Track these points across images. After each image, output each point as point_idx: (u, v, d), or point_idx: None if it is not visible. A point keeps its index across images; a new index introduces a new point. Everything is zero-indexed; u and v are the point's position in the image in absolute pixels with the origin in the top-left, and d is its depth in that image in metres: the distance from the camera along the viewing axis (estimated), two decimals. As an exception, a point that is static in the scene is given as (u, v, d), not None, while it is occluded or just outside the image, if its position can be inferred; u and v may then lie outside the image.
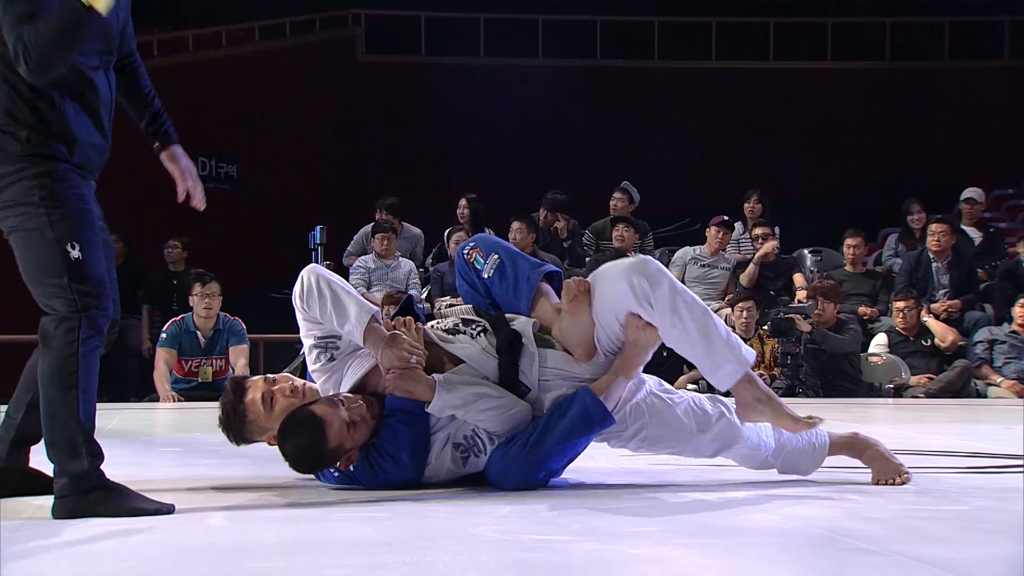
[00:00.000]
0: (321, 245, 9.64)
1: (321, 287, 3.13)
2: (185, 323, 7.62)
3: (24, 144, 2.77)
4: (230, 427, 3.25)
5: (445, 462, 3.11)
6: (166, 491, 2.96)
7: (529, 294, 3.24)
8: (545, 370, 3.16)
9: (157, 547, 2.38)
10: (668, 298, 3.06)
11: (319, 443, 2.99)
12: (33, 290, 2.81)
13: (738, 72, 16.05)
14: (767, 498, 3.01)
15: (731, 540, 2.44)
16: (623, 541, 2.41)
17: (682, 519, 2.70)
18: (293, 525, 2.62)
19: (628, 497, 3.02)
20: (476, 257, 3.30)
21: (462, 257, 3.35)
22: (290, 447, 3.04)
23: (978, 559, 2.25)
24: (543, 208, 10.44)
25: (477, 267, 3.30)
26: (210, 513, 2.77)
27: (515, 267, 3.28)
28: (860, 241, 9.66)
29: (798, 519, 2.67)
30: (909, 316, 8.67)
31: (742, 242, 10.26)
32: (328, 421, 2.99)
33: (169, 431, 6.04)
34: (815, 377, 8.27)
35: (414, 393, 3.07)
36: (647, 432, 3.20)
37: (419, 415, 3.08)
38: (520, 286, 3.24)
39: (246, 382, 3.26)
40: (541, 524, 2.61)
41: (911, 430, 5.28)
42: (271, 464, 3.73)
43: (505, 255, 3.30)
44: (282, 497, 3.07)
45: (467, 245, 3.37)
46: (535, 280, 3.26)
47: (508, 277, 3.26)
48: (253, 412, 3.20)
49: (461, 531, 2.51)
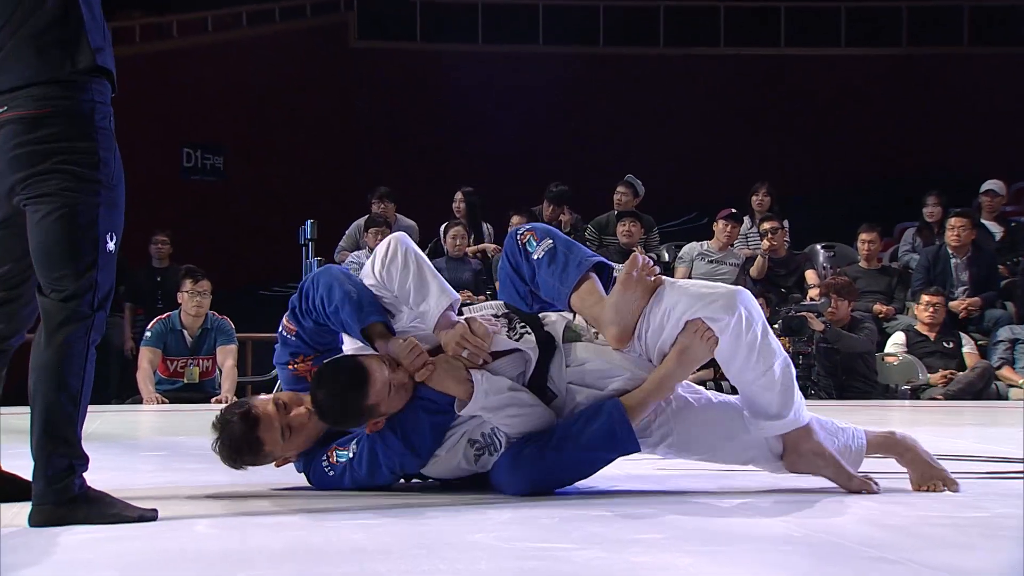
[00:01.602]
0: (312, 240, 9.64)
1: (408, 258, 3.14)
2: (171, 321, 7.63)
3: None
4: (238, 459, 3.13)
5: (456, 457, 3.12)
6: (149, 497, 2.96)
7: (576, 277, 3.19)
8: (569, 370, 3.15)
9: (139, 555, 2.38)
10: (759, 335, 3.04)
11: (359, 395, 2.95)
12: (48, 271, 2.69)
13: (747, 59, 16.06)
14: (778, 504, 3.01)
15: (740, 548, 2.44)
16: (627, 549, 2.41)
17: (689, 526, 2.70)
18: (282, 532, 2.62)
19: (632, 503, 3.03)
20: (530, 239, 3.28)
21: (514, 238, 3.32)
22: (325, 394, 2.98)
23: (997, 567, 2.25)
24: (546, 200, 10.45)
25: (528, 249, 3.27)
26: (195, 520, 2.77)
27: (568, 252, 3.25)
28: (875, 236, 9.67)
29: (809, 526, 2.67)
30: (937, 312, 8.65)
31: (750, 237, 10.27)
32: (373, 375, 2.97)
33: (153, 434, 6.05)
34: (828, 378, 8.28)
35: (449, 389, 3.06)
36: (673, 439, 3.15)
37: (446, 409, 3.08)
38: (569, 271, 3.20)
39: (255, 410, 3.11)
40: (542, 531, 2.61)
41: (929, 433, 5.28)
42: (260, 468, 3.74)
43: (560, 241, 3.29)
44: (270, 503, 3.08)
45: (522, 228, 3.35)
46: (585, 265, 3.22)
47: (559, 261, 3.22)
48: (271, 445, 3.11)
49: (458, 538, 2.51)
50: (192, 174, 14.38)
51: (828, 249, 10.32)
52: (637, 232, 9.79)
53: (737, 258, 9.74)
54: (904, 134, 15.62)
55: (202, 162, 14.45)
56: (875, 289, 9.47)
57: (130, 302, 9.99)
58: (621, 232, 9.80)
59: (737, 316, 3.01)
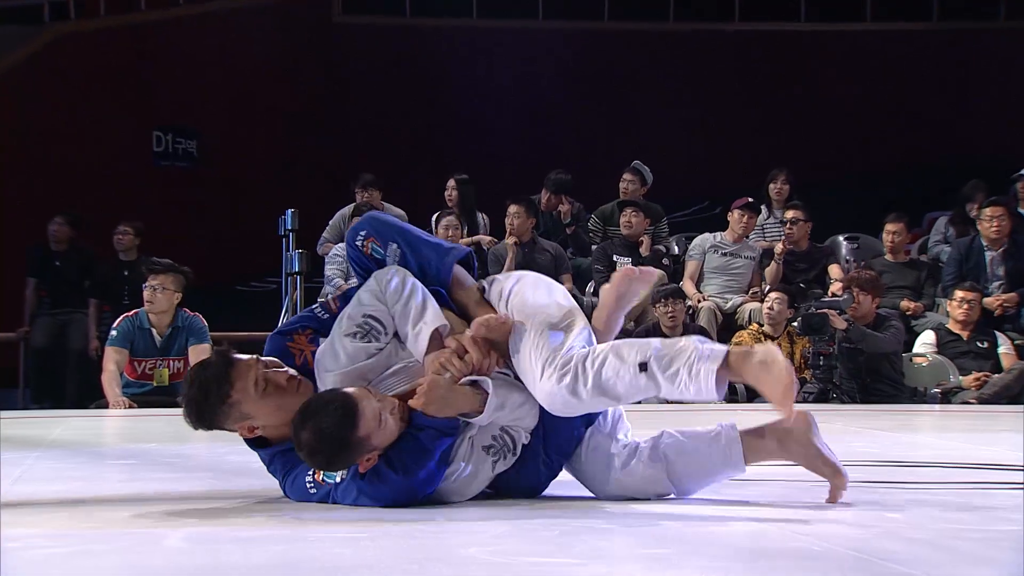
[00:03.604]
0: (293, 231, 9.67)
1: (416, 287, 3.20)
2: (138, 319, 7.63)
3: None
4: (203, 404, 3.10)
5: (477, 476, 3.13)
6: (117, 509, 2.97)
7: (445, 284, 3.30)
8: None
9: (107, 572, 2.39)
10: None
11: (347, 429, 2.95)
12: None
13: (764, 35, 16.05)
14: (794, 515, 3.02)
15: (755, 564, 2.45)
16: (634, 565, 2.42)
17: (700, 540, 2.71)
18: (261, 547, 2.63)
19: (638, 515, 3.03)
20: (373, 248, 3.30)
21: (357, 250, 3.32)
22: (310, 430, 2.97)
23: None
24: (545, 189, 10.45)
25: (377, 258, 3.29)
26: (167, 533, 2.77)
27: (419, 256, 3.29)
28: (902, 227, 9.68)
29: (829, 539, 2.68)
30: (972, 309, 8.66)
31: (767, 228, 10.28)
32: (362, 408, 2.98)
33: (120, 441, 6.05)
34: (851, 380, 8.29)
35: (460, 408, 3.08)
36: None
37: (450, 431, 3.09)
38: (430, 278, 3.28)
39: (235, 356, 3.14)
40: (541, 545, 2.62)
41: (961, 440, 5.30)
42: (237, 478, 3.75)
43: (404, 243, 3.30)
44: (249, 515, 3.08)
45: (357, 234, 3.33)
46: (446, 272, 3.31)
47: (412, 269, 3.27)
48: (240, 392, 3.09)
49: (451, 552, 2.52)
50: (163, 159, 14.37)
51: (851, 241, 10.33)
52: (640, 223, 9.79)
53: (753, 251, 9.75)
54: (934, 116, 15.61)
55: (173, 147, 14.43)
56: (902, 284, 9.48)
57: (95, 297, 9.98)
58: (623, 223, 9.81)
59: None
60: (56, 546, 2.61)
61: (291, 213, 9.55)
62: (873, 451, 4.64)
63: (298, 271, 9.19)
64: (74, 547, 2.61)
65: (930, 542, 2.65)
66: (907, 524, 2.91)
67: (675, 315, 8.53)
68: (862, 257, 10.05)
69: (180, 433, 4.93)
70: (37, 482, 3.84)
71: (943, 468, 4.03)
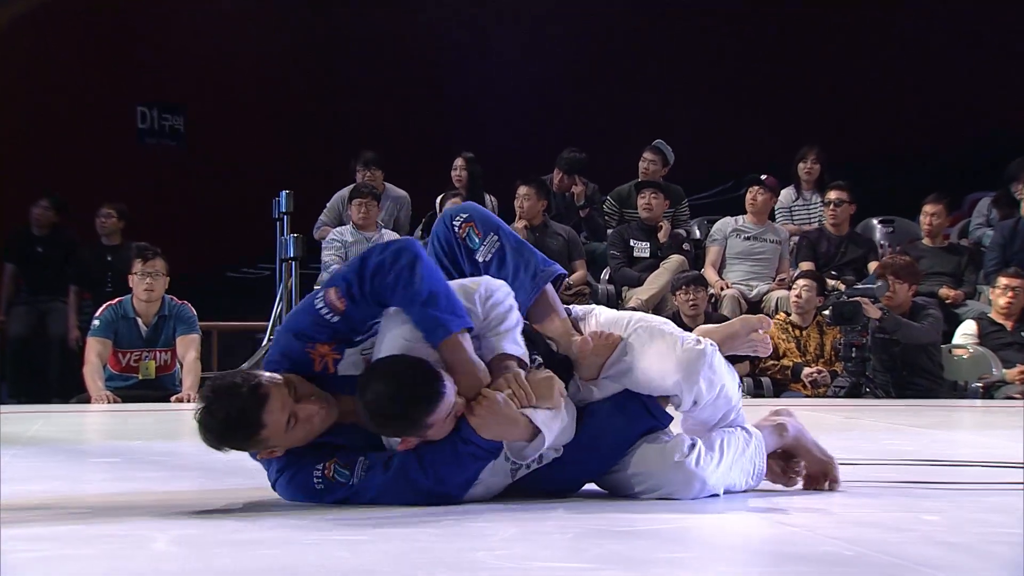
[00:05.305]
0: (287, 214, 9.66)
1: (515, 309, 3.22)
2: (123, 308, 7.64)
3: None
4: (227, 435, 3.07)
5: (495, 477, 3.16)
6: (100, 510, 2.98)
7: (533, 294, 3.29)
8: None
9: (91, 577, 2.40)
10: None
11: (424, 408, 2.97)
12: None
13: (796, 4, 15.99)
14: (822, 517, 3.02)
15: (783, 570, 2.45)
16: (652, 570, 2.42)
17: (721, 543, 2.71)
18: (253, 551, 2.64)
19: (656, 516, 3.03)
20: (470, 233, 3.30)
21: (451, 230, 3.32)
22: (386, 394, 2.97)
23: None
24: (557, 169, 10.44)
25: (470, 245, 3.30)
26: (154, 536, 2.78)
27: (519, 257, 3.30)
28: (941, 209, 9.65)
29: (862, 543, 2.68)
30: (1017, 297, 8.64)
31: (795, 210, 10.26)
32: (446, 394, 2.99)
33: (103, 438, 6.07)
34: (886, 374, 8.28)
35: (508, 436, 3.10)
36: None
37: (494, 454, 3.12)
38: (521, 281, 3.27)
39: (266, 388, 3.04)
40: (552, 549, 2.62)
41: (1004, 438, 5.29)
42: (228, 477, 3.76)
43: (507, 240, 3.32)
44: (240, 517, 3.09)
45: (457, 214, 3.34)
46: (543, 281, 3.30)
47: (508, 267, 3.28)
48: (273, 430, 3.05)
49: (456, 557, 2.52)
50: (148, 137, 14.38)
51: (886, 224, 10.30)
52: (660, 205, 9.77)
53: (777, 234, 9.72)
54: (975, 89, 15.54)
55: (160, 123, 14.42)
56: (941, 270, 9.46)
57: (76, 285, 10.00)
58: (641, 205, 9.79)
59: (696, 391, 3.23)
60: (33, 550, 2.62)
61: (285, 195, 9.53)
62: (909, 449, 4.63)
63: (293, 256, 9.20)
64: (52, 551, 2.61)
65: (969, 547, 2.65)
66: (945, 528, 2.91)
67: (696, 303, 8.53)
68: (898, 241, 10.03)
69: (167, 430, 4.94)
70: (13, 482, 3.84)
71: (984, 468, 4.03)
